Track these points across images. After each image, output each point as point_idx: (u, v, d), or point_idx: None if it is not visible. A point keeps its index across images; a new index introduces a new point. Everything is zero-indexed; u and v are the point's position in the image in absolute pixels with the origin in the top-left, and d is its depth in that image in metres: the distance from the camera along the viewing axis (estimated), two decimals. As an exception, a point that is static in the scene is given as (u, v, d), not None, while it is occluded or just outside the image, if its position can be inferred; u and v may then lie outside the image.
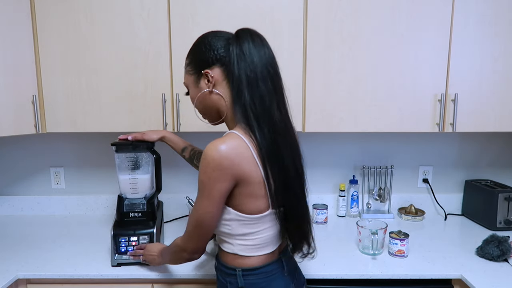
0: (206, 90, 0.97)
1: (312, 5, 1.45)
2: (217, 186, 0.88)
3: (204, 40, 0.97)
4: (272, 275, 0.99)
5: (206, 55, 0.95)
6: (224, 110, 0.98)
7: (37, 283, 1.34)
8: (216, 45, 0.95)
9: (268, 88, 0.92)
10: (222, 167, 0.87)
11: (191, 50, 1.00)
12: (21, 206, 1.91)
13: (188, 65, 1.00)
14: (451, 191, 1.95)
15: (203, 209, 0.91)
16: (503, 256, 1.37)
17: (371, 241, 1.40)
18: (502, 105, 1.52)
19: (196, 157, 1.37)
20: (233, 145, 0.88)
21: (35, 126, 1.49)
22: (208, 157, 0.87)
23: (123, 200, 1.40)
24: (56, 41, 1.46)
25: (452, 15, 1.46)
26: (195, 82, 0.99)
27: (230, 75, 0.93)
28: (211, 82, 0.95)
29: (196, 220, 0.93)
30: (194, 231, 0.96)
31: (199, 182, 0.90)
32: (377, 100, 1.51)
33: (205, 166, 0.88)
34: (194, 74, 0.99)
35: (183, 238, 1.01)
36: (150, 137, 1.36)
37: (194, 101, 1.02)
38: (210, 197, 0.89)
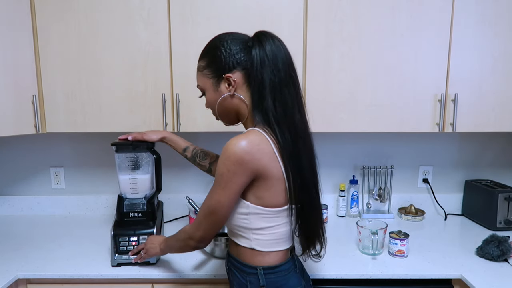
0: (227, 94, 0.97)
1: (312, 5, 1.45)
2: (235, 179, 0.90)
3: (223, 43, 0.96)
4: (288, 273, 1.01)
5: (227, 59, 0.95)
6: (244, 112, 0.99)
7: (37, 283, 1.34)
8: (236, 49, 0.95)
9: (290, 93, 0.95)
10: (242, 161, 0.88)
11: (208, 53, 0.99)
12: (21, 206, 1.91)
13: (205, 68, 0.99)
14: (451, 191, 1.95)
15: (216, 199, 0.93)
16: (503, 256, 1.37)
17: (371, 241, 1.40)
18: (502, 105, 1.52)
19: (199, 156, 1.37)
20: (255, 141, 0.90)
21: (35, 126, 1.49)
22: (229, 150, 0.89)
23: (123, 200, 1.40)
24: (56, 41, 1.46)
25: (452, 15, 1.46)
26: (214, 86, 0.99)
27: (252, 79, 0.94)
28: (233, 86, 0.96)
29: (207, 208, 0.95)
30: (204, 220, 0.97)
31: (217, 174, 0.92)
32: (377, 100, 1.51)
33: (225, 159, 0.89)
34: (213, 77, 0.98)
35: (192, 226, 1.01)
36: (150, 138, 1.36)
37: (213, 105, 1.01)
38: (226, 188, 0.91)
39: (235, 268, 1.04)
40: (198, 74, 1.02)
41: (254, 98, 0.94)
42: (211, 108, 1.04)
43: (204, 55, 1.00)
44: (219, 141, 1.86)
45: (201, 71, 1.01)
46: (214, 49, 0.97)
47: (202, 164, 1.37)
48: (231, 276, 1.06)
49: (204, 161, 1.37)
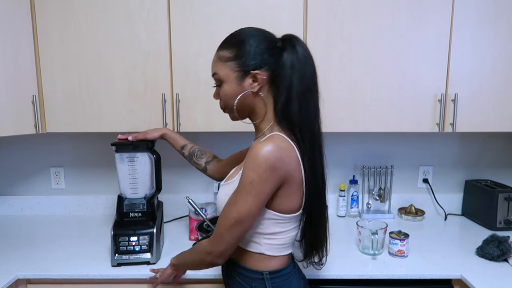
0: (250, 90, 0.94)
1: (312, 5, 1.45)
2: (267, 186, 0.88)
3: (253, 39, 0.93)
4: (290, 276, 1.01)
5: (256, 56, 0.93)
6: (260, 112, 0.98)
7: (37, 283, 1.34)
8: (266, 47, 0.93)
9: (313, 100, 0.95)
10: (274, 168, 0.87)
11: (236, 45, 0.94)
12: (21, 206, 1.91)
13: (231, 60, 0.94)
14: (451, 191, 1.95)
15: (247, 209, 0.88)
16: (503, 256, 1.37)
17: (371, 241, 1.40)
18: (502, 105, 1.52)
19: (196, 155, 1.36)
20: (283, 146, 0.89)
21: (35, 126, 1.49)
22: (261, 157, 0.86)
23: (123, 200, 1.40)
24: (56, 41, 1.46)
25: (452, 15, 1.46)
26: (238, 79, 0.94)
27: (281, 82, 0.93)
28: (259, 84, 0.94)
29: (235, 220, 0.89)
30: (228, 232, 0.90)
31: (247, 182, 0.87)
32: (377, 100, 1.51)
33: (257, 166, 0.86)
34: (239, 71, 0.94)
35: (212, 240, 0.94)
36: (152, 135, 1.36)
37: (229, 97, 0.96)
38: (257, 197, 0.88)
39: (237, 274, 1.02)
40: (220, 64, 0.96)
41: (280, 101, 0.93)
42: (223, 100, 0.99)
43: (230, 45, 0.95)
44: (219, 141, 1.86)
45: (225, 62, 0.95)
46: (243, 42, 0.94)
47: (198, 162, 1.36)
48: (231, 283, 1.04)
49: (201, 160, 1.36)
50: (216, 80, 0.99)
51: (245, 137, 1.84)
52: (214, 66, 0.99)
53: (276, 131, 0.93)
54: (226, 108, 1.00)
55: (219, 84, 0.99)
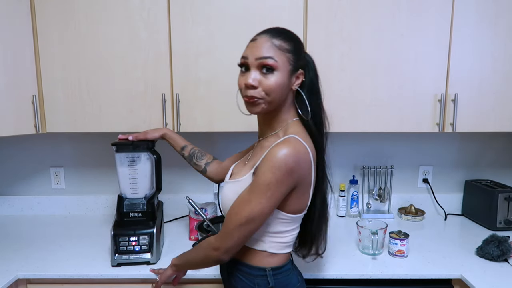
0: (294, 87, 0.97)
1: (312, 5, 1.45)
2: (282, 188, 0.89)
3: (300, 42, 0.99)
4: (290, 273, 1.03)
5: (303, 58, 0.98)
6: (284, 110, 0.99)
7: (37, 283, 1.34)
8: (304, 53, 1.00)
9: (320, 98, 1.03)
10: (292, 171, 0.88)
11: (294, 40, 0.96)
12: (21, 206, 1.90)
13: (290, 52, 0.93)
14: (451, 191, 1.95)
15: (261, 209, 0.89)
16: (503, 256, 1.37)
17: (371, 241, 1.40)
18: (502, 105, 1.52)
19: (196, 156, 1.37)
20: (301, 150, 0.91)
21: (35, 126, 1.49)
22: (280, 160, 0.87)
23: (123, 200, 1.40)
24: (56, 41, 1.46)
25: (452, 15, 1.46)
26: (290, 73, 0.94)
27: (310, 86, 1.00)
28: (298, 84, 0.98)
29: (247, 219, 0.89)
30: (237, 230, 0.91)
31: (264, 183, 0.88)
32: (377, 100, 1.51)
33: (276, 168, 0.87)
34: (292, 65, 0.94)
35: (220, 236, 0.94)
36: (152, 135, 1.36)
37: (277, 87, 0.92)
38: (272, 198, 0.89)
39: (239, 272, 1.02)
40: (278, 52, 0.91)
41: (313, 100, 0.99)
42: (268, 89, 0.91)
43: (288, 39, 0.94)
44: (219, 141, 1.86)
45: (283, 52, 0.92)
46: (298, 41, 0.98)
47: (198, 164, 1.36)
48: (233, 281, 1.04)
49: (200, 161, 1.36)
50: (267, 65, 0.90)
51: (245, 137, 1.84)
52: (270, 50, 0.91)
53: (291, 133, 0.94)
54: (263, 99, 0.93)
55: (269, 70, 0.91)
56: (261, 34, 0.94)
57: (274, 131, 1.00)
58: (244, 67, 0.95)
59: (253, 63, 0.92)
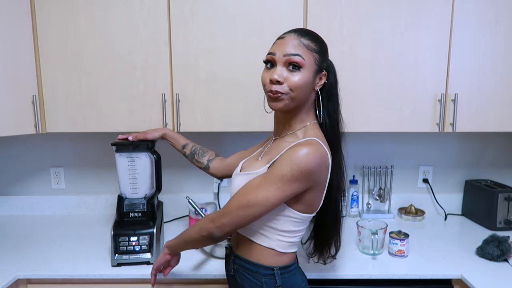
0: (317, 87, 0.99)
1: (312, 5, 1.45)
2: (295, 186, 0.90)
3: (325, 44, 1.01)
4: (296, 272, 1.04)
5: (327, 60, 1.01)
6: (306, 110, 1.01)
7: (37, 283, 1.34)
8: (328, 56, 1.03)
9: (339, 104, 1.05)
10: (311, 172, 0.89)
11: (320, 42, 0.99)
12: (21, 206, 1.90)
13: (317, 52, 0.96)
14: (451, 191, 1.95)
15: (265, 196, 0.90)
16: (503, 256, 1.37)
17: (371, 241, 1.40)
18: (502, 105, 1.52)
19: (198, 153, 1.36)
20: (323, 154, 0.92)
21: (35, 126, 1.49)
22: (302, 158, 0.88)
23: (123, 200, 1.40)
24: (56, 41, 1.46)
25: (452, 15, 1.46)
26: (315, 72, 0.97)
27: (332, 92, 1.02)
28: (321, 85, 0.99)
29: (249, 201, 0.91)
30: (237, 210, 0.92)
31: (277, 174, 0.89)
32: (377, 100, 1.51)
33: (295, 164, 0.88)
34: (318, 65, 0.97)
35: (219, 212, 0.96)
36: (152, 135, 1.36)
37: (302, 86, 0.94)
38: (281, 191, 0.89)
39: (246, 271, 1.02)
40: (306, 51, 0.94)
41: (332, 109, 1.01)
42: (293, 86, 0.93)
43: (315, 40, 0.97)
44: (219, 141, 1.86)
45: (311, 51, 0.95)
46: (323, 43, 1.00)
47: (200, 161, 1.36)
48: (239, 279, 1.04)
49: (203, 158, 1.35)
50: (294, 62, 0.93)
51: (246, 137, 1.84)
52: (298, 48, 0.93)
53: (312, 136, 0.95)
54: (288, 96, 0.94)
55: (296, 67, 0.93)
56: (289, 32, 0.97)
57: (292, 131, 1.01)
58: (269, 63, 0.97)
59: (280, 59, 0.94)
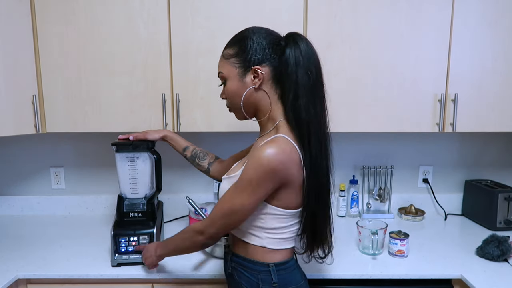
0: (252, 87, 0.97)
1: (312, 5, 1.45)
2: (264, 186, 0.91)
3: (255, 35, 0.96)
4: (294, 269, 1.04)
5: (257, 51, 0.95)
6: (264, 110, 1.00)
7: (37, 283, 1.34)
8: (268, 43, 0.96)
9: (319, 96, 0.97)
10: (275, 170, 0.89)
11: (238, 42, 0.98)
12: (21, 206, 1.90)
13: (233, 56, 0.98)
14: (451, 191, 1.95)
15: (241, 203, 0.92)
16: (503, 256, 1.37)
17: (371, 241, 1.40)
18: (502, 105, 1.52)
19: (199, 156, 1.37)
20: (287, 150, 0.91)
21: (35, 126, 1.49)
22: (263, 158, 0.88)
23: (123, 200, 1.40)
24: (56, 41, 1.46)
25: (452, 15, 1.46)
26: (240, 76, 0.97)
27: (285, 78, 0.94)
28: (260, 79, 0.96)
29: (228, 209, 0.94)
30: (220, 220, 0.96)
31: (245, 178, 0.91)
32: (377, 100, 1.51)
33: (258, 165, 0.89)
34: (240, 67, 0.97)
35: (204, 223, 1.00)
36: (153, 136, 1.37)
37: (232, 95, 1.00)
38: (253, 194, 0.91)
39: (243, 268, 1.03)
40: (224, 61, 1.00)
41: (288, 98, 0.94)
42: (228, 99, 1.02)
43: (233, 43, 0.99)
44: (219, 141, 1.86)
45: (228, 59, 0.99)
46: (246, 39, 0.97)
47: (201, 164, 1.37)
48: (237, 277, 1.05)
49: (203, 162, 1.36)
50: (220, 78, 1.02)
51: (246, 137, 1.84)
52: (219, 64, 1.02)
53: (281, 133, 0.94)
54: (232, 107, 1.03)
55: (224, 83, 1.02)
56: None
57: (267, 130, 1.02)
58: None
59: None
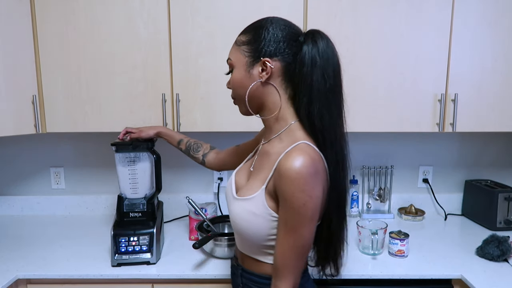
0: (259, 80, 0.88)
1: (312, 5, 1.45)
2: (318, 202, 0.81)
3: (272, 26, 0.87)
4: (308, 280, 0.99)
5: (270, 43, 0.86)
6: (272, 107, 0.90)
7: (37, 283, 1.34)
8: (284, 37, 0.86)
9: (336, 102, 0.88)
10: (318, 181, 0.81)
11: (253, 30, 0.89)
12: (21, 206, 1.90)
13: (245, 44, 0.89)
14: (451, 191, 1.95)
15: (310, 232, 0.82)
16: (503, 256, 1.37)
17: (371, 241, 1.40)
18: (502, 105, 1.52)
19: (193, 148, 1.36)
20: (316, 158, 0.82)
21: (35, 126, 1.48)
22: (303, 174, 0.78)
23: (123, 200, 1.40)
24: (56, 41, 1.46)
25: (452, 15, 1.46)
26: (247, 66, 0.89)
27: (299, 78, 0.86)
28: (267, 73, 0.87)
29: (303, 246, 0.83)
30: (299, 261, 0.84)
31: (299, 205, 0.79)
32: (377, 100, 1.51)
33: (303, 184, 0.78)
34: (249, 56, 0.88)
35: (284, 277, 0.84)
36: (147, 134, 1.37)
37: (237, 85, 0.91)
38: (315, 216, 0.81)
39: (256, 284, 0.95)
40: (234, 48, 0.92)
41: (302, 101, 0.85)
42: (233, 89, 0.93)
43: (248, 30, 0.91)
44: (219, 141, 1.86)
45: (239, 46, 0.91)
46: (261, 28, 0.88)
47: (196, 156, 1.35)
48: None
49: (198, 153, 1.35)
50: (229, 65, 0.94)
51: (246, 137, 1.83)
52: (230, 50, 0.94)
53: (299, 137, 0.86)
54: (235, 98, 0.95)
55: (231, 70, 0.94)
56: None
57: (276, 133, 0.92)
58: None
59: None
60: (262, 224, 0.87)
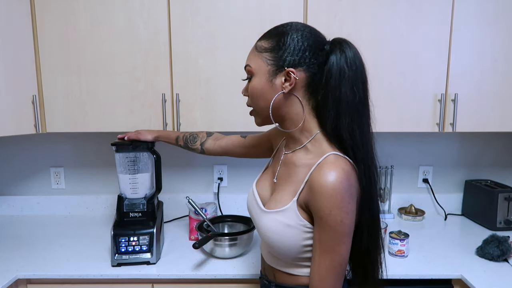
0: (282, 92, 0.83)
1: (312, 5, 1.45)
2: (354, 216, 0.79)
3: (297, 33, 0.82)
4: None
5: (296, 52, 0.81)
6: (295, 119, 0.86)
7: (37, 283, 1.34)
8: (311, 46, 0.82)
9: (366, 115, 0.85)
10: (353, 195, 0.78)
11: (277, 36, 0.83)
12: (21, 206, 1.90)
13: (267, 51, 0.83)
14: (451, 191, 1.95)
15: (347, 248, 0.79)
16: (503, 256, 1.37)
17: (371, 241, 1.39)
18: (502, 105, 1.52)
19: (190, 141, 1.36)
20: (348, 170, 0.79)
21: (35, 126, 1.48)
22: (339, 190, 0.75)
23: (123, 200, 1.40)
24: (56, 41, 1.46)
25: (452, 15, 1.46)
26: (269, 75, 0.83)
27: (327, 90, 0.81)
28: (291, 84, 0.82)
29: (341, 264, 0.79)
30: (338, 279, 0.80)
31: (337, 222, 0.76)
32: (377, 100, 1.50)
33: (340, 200, 0.75)
34: (272, 65, 0.83)
35: None
36: (145, 137, 1.37)
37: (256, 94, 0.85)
38: (351, 232, 0.79)
39: None
40: (255, 54, 0.86)
41: (329, 115, 0.81)
42: (251, 98, 0.87)
43: (270, 36, 0.85)
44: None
45: (260, 52, 0.84)
46: (285, 35, 0.82)
47: (194, 147, 1.35)
48: None
49: (195, 144, 1.35)
50: (247, 72, 0.88)
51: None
52: (248, 56, 0.88)
53: (327, 149, 0.82)
54: (254, 108, 0.89)
55: (249, 77, 0.87)
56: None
57: (301, 144, 0.88)
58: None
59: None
60: (296, 235, 0.83)
